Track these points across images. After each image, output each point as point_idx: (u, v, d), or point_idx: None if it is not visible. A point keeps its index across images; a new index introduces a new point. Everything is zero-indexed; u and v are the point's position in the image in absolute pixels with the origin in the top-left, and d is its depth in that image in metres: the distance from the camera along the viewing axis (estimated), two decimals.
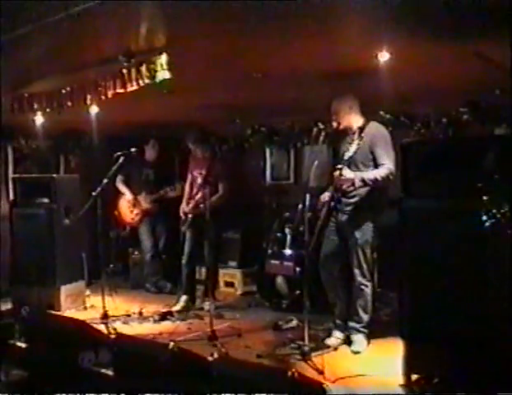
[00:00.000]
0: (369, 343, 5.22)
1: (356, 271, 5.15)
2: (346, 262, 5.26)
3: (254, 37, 4.28)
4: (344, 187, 5.04)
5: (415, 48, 4.45)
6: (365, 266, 5.14)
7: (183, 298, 6.88)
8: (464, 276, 3.84)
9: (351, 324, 5.25)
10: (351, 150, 4.86)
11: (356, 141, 4.85)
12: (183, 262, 6.99)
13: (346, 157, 4.88)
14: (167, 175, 8.05)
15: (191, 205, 6.88)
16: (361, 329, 5.20)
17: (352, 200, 5.15)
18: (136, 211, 7.96)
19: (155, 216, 8.01)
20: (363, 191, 5.07)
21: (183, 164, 7.57)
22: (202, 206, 6.48)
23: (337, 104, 5.19)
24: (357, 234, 5.10)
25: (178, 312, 6.63)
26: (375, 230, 5.16)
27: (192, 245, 6.93)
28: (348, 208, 5.17)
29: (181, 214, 6.98)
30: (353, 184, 4.96)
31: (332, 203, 5.17)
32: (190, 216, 6.83)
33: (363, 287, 5.16)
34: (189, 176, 7.19)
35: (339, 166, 4.86)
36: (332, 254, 5.31)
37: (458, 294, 3.87)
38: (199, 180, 6.86)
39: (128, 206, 7.98)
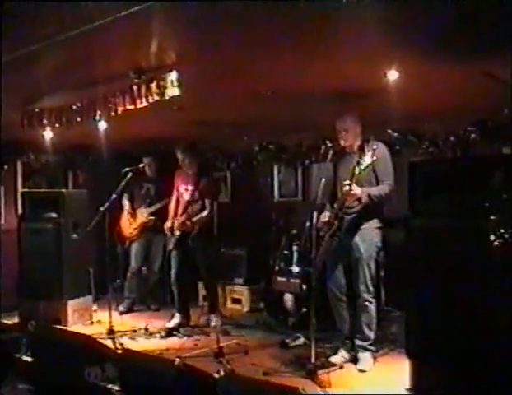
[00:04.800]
0: (375, 362, 5.20)
1: (361, 287, 5.13)
2: (350, 279, 5.26)
3: (264, 55, 4.31)
4: (350, 203, 5.06)
5: (423, 66, 4.48)
6: (369, 281, 5.14)
7: (177, 316, 6.79)
8: (471, 295, 3.83)
9: (358, 342, 5.23)
10: (361, 167, 4.83)
11: (367, 160, 4.81)
12: (172, 280, 6.87)
13: (357, 171, 4.84)
14: (168, 189, 7.85)
15: (177, 222, 6.69)
16: (368, 347, 5.19)
17: (352, 216, 5.15)
18: (134, 225, 7.83)
19: (153, 232, 7.78)
20: (360, 207, 5.09)
21: None
22: (188, 223, 6.54)
23: (347, 123, 5.20)
24: (361, 249, 5.11)
25: (170, 329, 6.56)
26: (378, 244, 5.20)
27: (179, 263, 6.78)
28: (349, 224, 5.16)
29: (166, 232, 6.84)
30: (359, 200, 4.99)
31: (336, 222, 5.15)
32: (177, 233, 6.67)
33: (367, 303, 5.15)
34: (175, 192, 7.01)
35: (347, 182, 4.87)
36: (338, 271, 5.31)
37: (466, 313, 3.86)
38: (186, 196, 6.77)
39: (128, 220, 7.89)
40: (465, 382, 3.83)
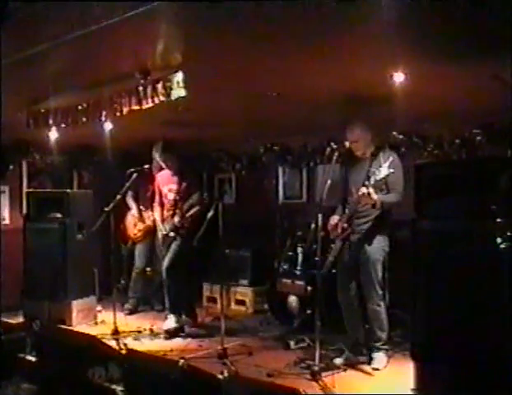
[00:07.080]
0: (389, 360, 5.24)
1: (370, 290, 5.18)
2: (358, 281, 5.28)
3: (270, 57, 4.31)
4: (362, 207, 5.13)
5: (429, 68, 4.47)
6: (377, 285, 5.18)
7: (177, 317, 6.66)
8: (478, 298, 3.82)
9: (371, 343, 5.29)
10: (376, 177, 4.85)
11: (383, 171, 4.83)
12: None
13: (372, 181, 4.88)
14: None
15: (172, 223, 6.54)
16: (381, 347, 5.24)
17: (363, 220, 5.21)
18: (139, 227, 7.81)
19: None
20: (372, 211, 5.13)
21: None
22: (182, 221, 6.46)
23: (356, 133, 5.23)
24: (368, 252, 5.16)
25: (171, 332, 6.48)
26: (386, 248, 5.23)
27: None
28: (359, 228, 5.22)
29: (161, 235, 6.70)
30: (374, 206, 5.02)
31: (348, 227, 5.19)
32: (171, 234, 6.52)
33: (376, 306, 5.20)
34: (157, 194, 6.86)
35: (366, 187, 4.88)
36: (347, 274, 5.34)
37: (472, 316, 3.84)
38: (171, 196, 6.67)
39: (133, 222, 7.87)
40: (472, 385, 3.82)
